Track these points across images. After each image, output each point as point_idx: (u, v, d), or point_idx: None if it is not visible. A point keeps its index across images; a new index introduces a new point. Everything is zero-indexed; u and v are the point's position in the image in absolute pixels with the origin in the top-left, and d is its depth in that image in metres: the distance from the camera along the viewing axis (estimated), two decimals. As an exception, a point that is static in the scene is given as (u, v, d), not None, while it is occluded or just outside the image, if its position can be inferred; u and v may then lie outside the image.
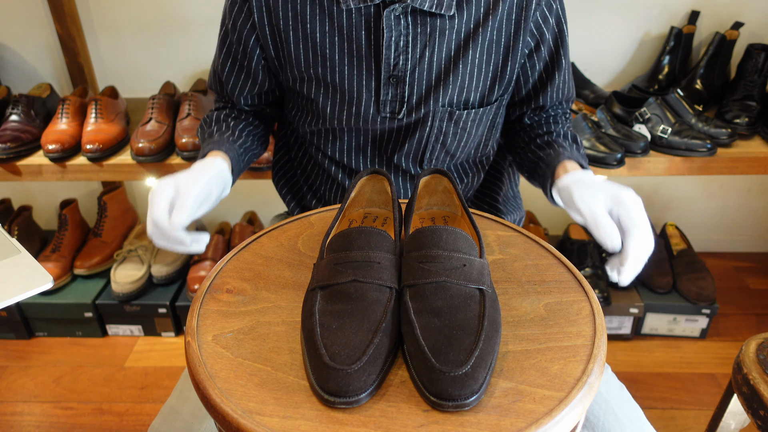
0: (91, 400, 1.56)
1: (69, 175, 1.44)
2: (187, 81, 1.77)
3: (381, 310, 0.57)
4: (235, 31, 0.91)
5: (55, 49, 1.72)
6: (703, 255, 1.96)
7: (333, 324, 0.55)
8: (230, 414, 0.51)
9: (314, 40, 0.87)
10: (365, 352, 0.52)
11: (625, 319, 1.67)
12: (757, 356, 0.93)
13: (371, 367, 0.52)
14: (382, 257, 0.60)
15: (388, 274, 0.60)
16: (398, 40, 0.85)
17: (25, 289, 0.58)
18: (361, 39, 0.86)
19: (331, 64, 0.88)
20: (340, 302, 0.58)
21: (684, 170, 1.41)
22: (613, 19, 1.65)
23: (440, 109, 0.89)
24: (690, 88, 1.58)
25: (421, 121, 0.91)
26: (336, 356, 0.52)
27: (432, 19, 0.84)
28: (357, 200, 0.77)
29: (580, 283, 0.67)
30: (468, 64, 0.87)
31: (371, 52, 0.86)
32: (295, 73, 0.91)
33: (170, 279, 1.74)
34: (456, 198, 0.75)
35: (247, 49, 0.92)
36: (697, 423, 1.46)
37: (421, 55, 0.86)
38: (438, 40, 0.86)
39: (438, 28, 0.85)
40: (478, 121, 0.93)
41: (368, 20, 0.84)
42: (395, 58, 0.86)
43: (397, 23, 0.84)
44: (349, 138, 0.96)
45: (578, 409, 0.52)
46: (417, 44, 0.85)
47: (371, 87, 0.89)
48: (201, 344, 0.59)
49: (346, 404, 0.51)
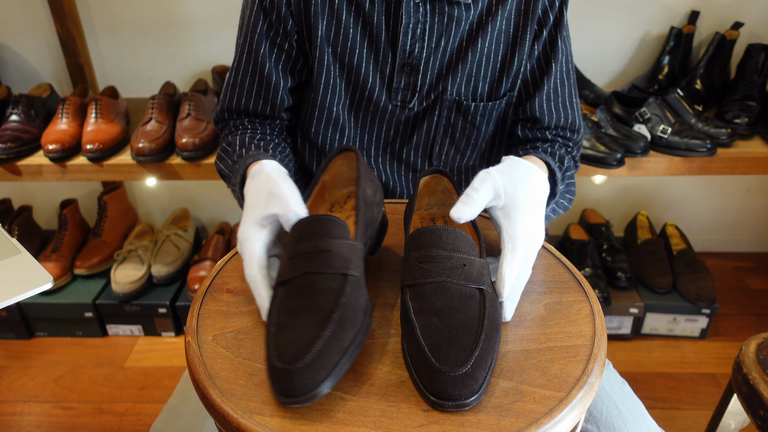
0: (91, 400, 1.56)
1: (69, 175, 1.44)
2: (187, 81, 1.77)
3: (332, 300, 0.54)
4: (270, 3, 0.86)
5: (55, 49, 1.72)
6: (703, 255, 1.96)
7: (287, 321, 0.54)
8: (230, 414, 0.51)
9: (339, 18, 0.86)
10: (311, 348, 0.50)
11: (625, 319, 1.67)
12: (757, 356, 0.93)
13: (319, 363, 0.50)
14: (332, 244, 0.58)
15: (340, 261, 0.57)
16: (415, 27, 0.85)
17: (26, 289, 0.58)
18: (381, 24, 0.86)
19: (352, 45, 0.88)
20: (295, 298, 0.56)
21: (684, 170, 1.41)
22: (613, 19, 1.65)
23: (448, 98, 0.89)
24: (690, 88, 1.58)
25: (429, 111, 0.91)
26: (282, 355, 0.51)
27: (450, 8, 0.84)
28: (334, 181, 0.73)
29: (580, 283, 0.67)
30: (477, 53, 0.87)
31: (389, 37, 0.87)
32: (317, 52, 0.88)
33: (170, 279, 1.74)
34: (456, 198, 0.75)
35: (281, 19, 0.87)
36: (697, 423, 1.46)
37: (437, 44, 0.86)
38: (454, 29, 0.86)
39: (455, 17, 0.85)
40: (488, 117, 0.93)
41: (389, 6, 0.85)
42: (411, 45, 0.86)
43: (416, 10, 0.84)
44: (356, 132, 0.95)
45: (578, 409, 0.52)
46: (434, 33, 0.86)
47: (385, 73, 0.89)
48: (201, 344, 0.59)
49: (297, 403, 0.49)
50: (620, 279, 1.69)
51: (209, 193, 1.97)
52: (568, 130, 0.94)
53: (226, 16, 1.66)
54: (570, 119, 0.93)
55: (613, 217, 1.98)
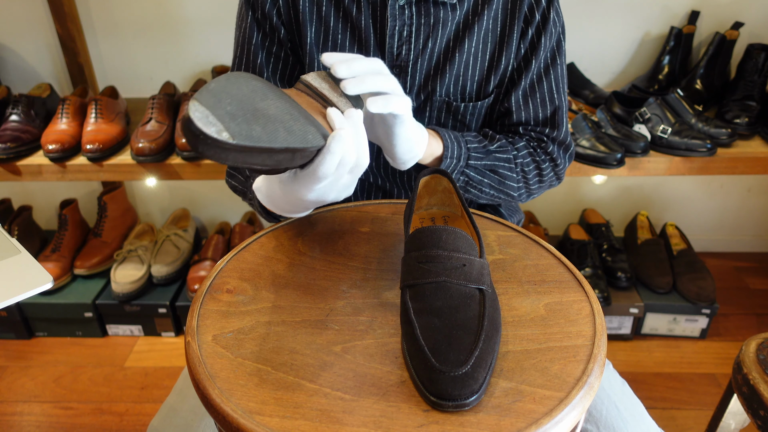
0: (91, 400, 1.56)
1: (69, 175, 1.44)
2: (187, 81, 1.77)
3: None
4: (262, 14, 0.88)
5: (55, 49, 1.72)
6: (703, 255, 1.96)
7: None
8: (230, 414, 0.51)
9: (327, 24, 0.87)
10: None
11: (625, 319, 1.67)
12: (757, 356, 0.93)
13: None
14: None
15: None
16: (402, 29, 0.85)
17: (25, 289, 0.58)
18: (369, 28, 0.86)
19: (341, 50, 0.88)
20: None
21: (684, 170, 1.41)
22: (613, 19, 1.65)
23: (438, 99, 0.89)
24: (690, 88, 1.58)
25: (420, 112, 0.91)
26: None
27: (435, 9, 0.84)
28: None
29: (580, 283, 0.67)
30: (464, 53, 0.87)
31: (377, 41, 0.87)
32: (306, 59, 0.89)
33: (170, 279, 1.74)
34: (456, 198, 0.75)
35: (273, 28, 0.88)
36: (697, 423, 1.46)
37: (423, 46, 0.86)
38: (441, 30, 0.86)
39: (441, 18, 0.85)
40: (477, 115, 0.93)
41: (375, 9, 0.85)
42: (398, 48, 0.86)
43: (401, 13, 0.84)
44: None
45: (578, 409, 0.52)
46: (420, 34, 0.86)
47: None
48: (201, 344, 0.59)
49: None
50: (620, 279, 1.69)
51: (209, 193, 1.97)
52: (542, 125, 0.93)
53: (226, 16, 1.66)
54: (547, 115, 0.92)
55: (613, 217, 1.98)
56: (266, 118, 0.58)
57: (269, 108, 0.59)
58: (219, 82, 0.57)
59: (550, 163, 0.94)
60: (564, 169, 0.97)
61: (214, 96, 0.56)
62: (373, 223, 0.79)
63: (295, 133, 0.58)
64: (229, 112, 0.55)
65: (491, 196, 0.92)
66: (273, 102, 0.60)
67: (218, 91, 0.56)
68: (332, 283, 0.68)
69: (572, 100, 1.59)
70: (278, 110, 0.59)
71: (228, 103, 0.56)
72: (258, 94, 0.59)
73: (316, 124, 0.61)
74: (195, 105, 0.53)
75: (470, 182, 0.88)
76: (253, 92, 0.59)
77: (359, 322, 0.62)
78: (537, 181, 0.94)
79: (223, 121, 0.54)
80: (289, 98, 0.62)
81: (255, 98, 0.59)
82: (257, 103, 0.58)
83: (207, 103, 0.54)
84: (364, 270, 0.70)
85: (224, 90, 0.57)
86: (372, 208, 0.83)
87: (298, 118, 0.60)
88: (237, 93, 0.57)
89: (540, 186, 0.95)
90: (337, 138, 0.61)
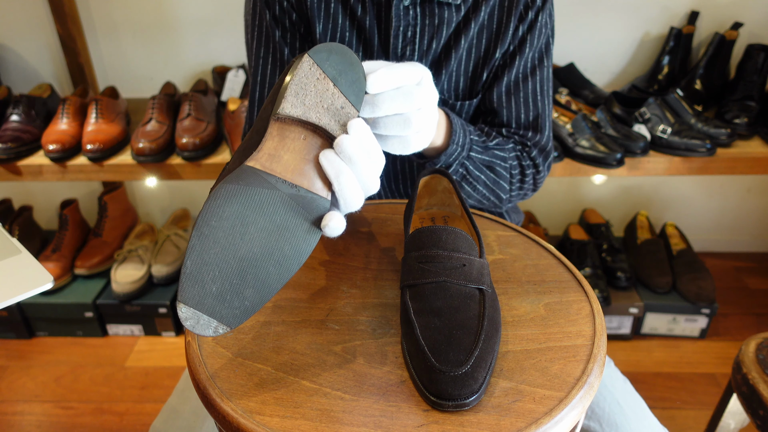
0: (91, 400, 1.56)
1: (69, 175, 1.44)
2: (187, 81, 1.77)
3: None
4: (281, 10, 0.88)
5: (55, 50, 1.73)
6: (703, 255, 1.96)
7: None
8: (230, 414, 0.51)
9: (336, 21, 0.87)
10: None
11: (625, 319, 1.68)
12: (756, 356, 0.93)
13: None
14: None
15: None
16: (406, 30, 0.85)
17: (26, 289, 0.58)
18: (373, 28, 0.86)
19: None
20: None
21: (684, 170, 1.41)
22: (613, 19, 1.65)
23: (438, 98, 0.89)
24: (690, 89, 1.58)
25: None
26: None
27: (440, 10, 0.84)
28: None
29: (580, 283, 0.67)
30: (460, 49, 0.87)
31: (381, 41, 0.87)
32: None
33: (170, 279, 1.74)
34: (456, 198, 0.75)
35: (293, 22, 0.88)
36: (696, 423, 1.46)
37: (428, 46, 0.86)
38: (445, 30, 0.86)
39: (446, 18, 0.85)
40: (473, 114, 0.93)
41: (379, 9, 0.85)
42: (402, 48, 0.86)
43: (405, 13, 0.84)
44: None
45: (578, 409, 0.52)
46: (425, 35, 0.86)
47: None
48: (201, 344, 0.59)
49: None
50: (620, 279, 1.69)
51: (209, 193, 1.97)
52: (524, 128, 0.91)
53: (226, 16, 1.66)
54: (530, 118, 0.91)
55: (613, 217, 1.98)
56: (254, 267, 0.53)
57: (253, 246, 0.53)
58: (192, 257, 0.52)
59: (533, 169, 0.93)
60: (543, 178, 0.95)
61: (195, 282, 0.52)
62: (373, 223, 0.79)
63: (286, 260, 0.55)
64: (215, 294, 0.52)
65: (481, 196, 0.90)
66: (255, 233, 0.54)
67: (196, 272, 0.52)
68: (332, 283, 0.68)
69: (572, 100, 1.59)
70: (263, 239, 0.54)
71: (211, 279, 0.52)
72: (236, 231, 0.53)
73: (310, 207, 0.55)
74: (182, 308, 0.51)
75: (467, 176, 0.87)
76: (229, 241, 0.53)
77: (359, 322, 0.62)
78: (518, 186, 0.93)
79: (214, 312, 0.52)
80: (270, 197, 0.54)
81: (235, 245, 0.53)
82: (239, 250, 0.53)
83: (191, 297, 0.52)
84: (364, 270, 0.70)
85: (203, 264, 0.52)
86: (372, 208, 0.83)
87: (287, 229, 0.55)
88: (215, 258, 0.52)
89: (519, 192, 0.94)
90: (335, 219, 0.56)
